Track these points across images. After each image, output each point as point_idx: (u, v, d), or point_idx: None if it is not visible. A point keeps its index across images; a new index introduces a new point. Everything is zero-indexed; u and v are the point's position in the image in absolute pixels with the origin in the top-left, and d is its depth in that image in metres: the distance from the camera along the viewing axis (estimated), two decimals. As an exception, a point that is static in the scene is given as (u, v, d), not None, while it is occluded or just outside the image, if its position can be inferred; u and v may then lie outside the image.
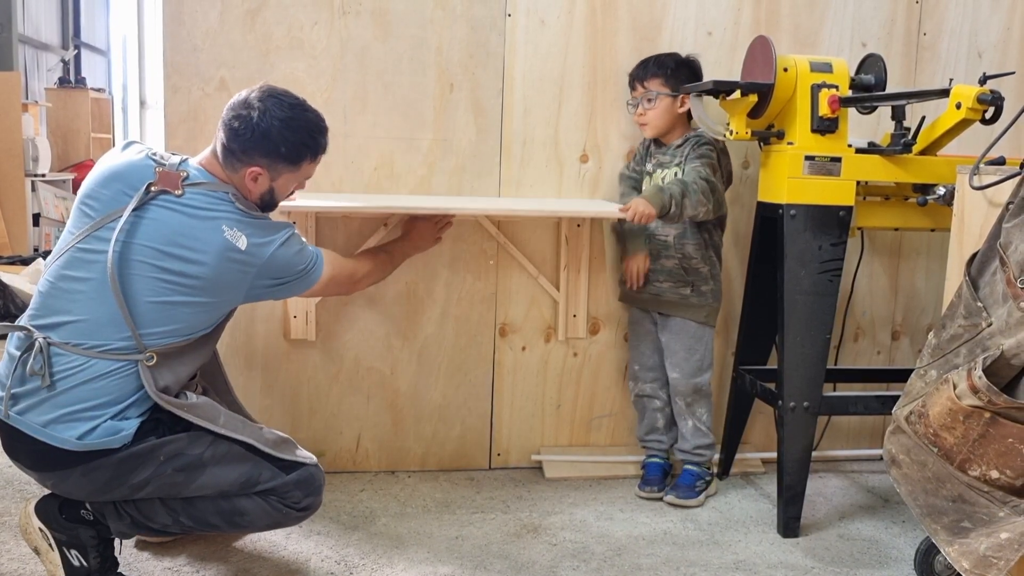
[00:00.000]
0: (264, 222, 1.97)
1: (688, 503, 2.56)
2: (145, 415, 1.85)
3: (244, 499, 1.92)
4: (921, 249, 2.94)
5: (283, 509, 1.94)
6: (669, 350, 2.63)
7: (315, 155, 2.01)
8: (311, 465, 1.98)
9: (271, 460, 1.93)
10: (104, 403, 1.80)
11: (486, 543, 2.28)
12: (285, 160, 1.95)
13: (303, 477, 1.95)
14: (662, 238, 2.57)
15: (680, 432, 2.67)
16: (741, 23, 2.74)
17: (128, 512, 1.90)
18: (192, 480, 1.87)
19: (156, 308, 1.83)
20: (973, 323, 1.66)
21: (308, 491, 1.96)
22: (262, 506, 1.92)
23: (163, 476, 1.84)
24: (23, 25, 9.23)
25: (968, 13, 2.85)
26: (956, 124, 2.24)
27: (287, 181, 2.00)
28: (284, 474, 1.93)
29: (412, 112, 2.61)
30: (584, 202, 2.68)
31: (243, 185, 1.96)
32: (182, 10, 2.46)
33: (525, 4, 2.62)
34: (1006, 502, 1.57)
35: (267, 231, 1.95)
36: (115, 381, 1.81)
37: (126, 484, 1.83)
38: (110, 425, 1.80)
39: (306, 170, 2.02)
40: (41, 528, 1.88)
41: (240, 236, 1.89)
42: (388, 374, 2.69)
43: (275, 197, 2.02)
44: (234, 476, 1.89)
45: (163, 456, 1.83)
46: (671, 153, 2.58)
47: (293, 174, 2.00)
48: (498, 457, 2.81)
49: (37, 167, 6.54)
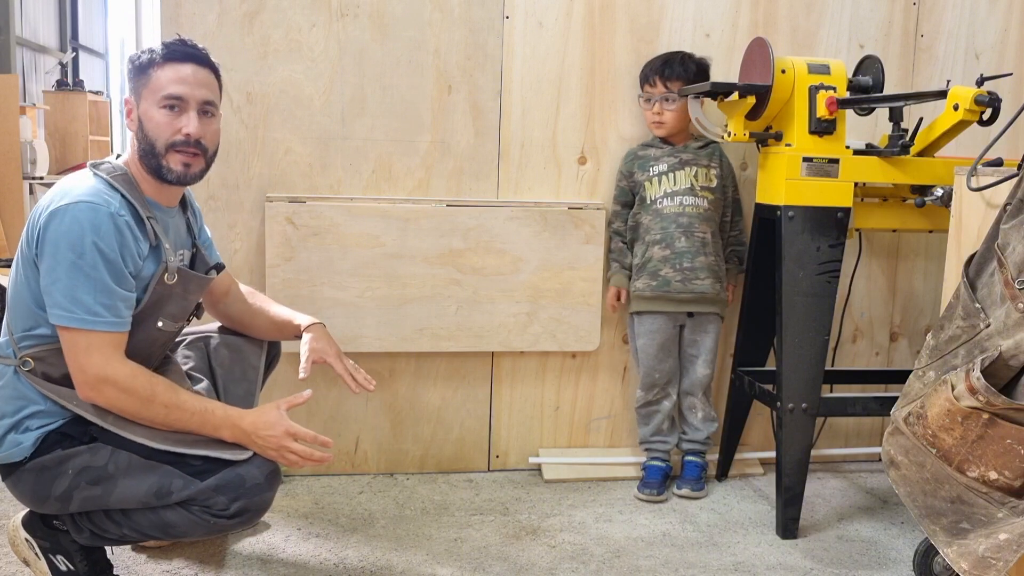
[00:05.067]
0: (77, 181, 1.71)
1: (699, 495, 2.61)
2: (49, 425, 1.73)
3: (167, 511, 1.72)
4: (919, 250, 2.95)
5: (210, 519, 1.70)
6: (699, 347, 2.67)
7: (162, 57, 1.75)
8: (239, 463, 1.71)
9: (181, 465, 1.70)
10: (5, 413, 1.74)
11: (485, 545, 2.28)
12: (138, 70, 1.76)
13: (225, 481, 1.69)
14: (700, 235, 2.58)
15: (690, 425, 2.70)
16: (739, 25, 2.74)
17: (84, 525, 1.79)
18: (109, 493, 1.70)
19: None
20: (971, 324, 1.66)
21: (235, 495, 1.69)
22: (188, 517, 1.71)
23: (80, 489, 1.71)
24: (21, 28, 9.23)
25: (965, 15, 2.86)
26: (954, 125, 2.24)
27: (147, 102, 1.75)
28: (198, 480, 1.68)
29: (410, 114, 2.61)
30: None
31: (134, 143, 1.79)
32: (180, 13, 2.46)
33: (523, 6, 2.63)
34: (1004, 503, 1.57)
35: (65, 193, 1.68)
36: (9, 388, 1.74)
37: (51, 497, 1.73)
38: (12, 438, 1.72)
39: (157, 80, 1.75)
40: (27, 539, 1.86)
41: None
42: (386, 376, 2.69)
43: (145, 130, 1.76)
44: (144, 488, 1.69)
45: (71, 470, 1.70)
46: (693, 152, 2.62)
47: (147, 88, 1.75)
48: (497, 459, 2.81)
49: (35, 170, 6.53)
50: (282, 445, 1.75)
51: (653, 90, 2.60)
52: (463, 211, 2.60)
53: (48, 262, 1.66)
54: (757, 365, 2.68)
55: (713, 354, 2.68)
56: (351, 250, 2.55)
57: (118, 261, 1.68)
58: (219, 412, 1.75)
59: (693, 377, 2.69)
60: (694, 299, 2.61)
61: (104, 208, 1.67)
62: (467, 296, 2.62)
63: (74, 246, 1.64)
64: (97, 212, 1.66)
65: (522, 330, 2.66)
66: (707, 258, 2.59)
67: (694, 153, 2.62)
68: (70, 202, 1.66)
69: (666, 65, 2.58)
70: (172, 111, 1.76)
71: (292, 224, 2.51)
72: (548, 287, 2.66)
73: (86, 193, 1.68)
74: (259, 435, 1.74)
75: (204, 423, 1.73)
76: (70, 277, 1.64)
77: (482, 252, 2.61)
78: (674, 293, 2.59)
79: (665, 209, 2.59)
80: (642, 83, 2.65)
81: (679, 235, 2.57)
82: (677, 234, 2.58)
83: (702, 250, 2.58)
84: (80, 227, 1.64)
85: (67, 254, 1.64)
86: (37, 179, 6.60)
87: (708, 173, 2.61)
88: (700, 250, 2.58)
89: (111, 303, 1.68)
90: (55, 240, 1.65)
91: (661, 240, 2.59)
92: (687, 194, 2.59)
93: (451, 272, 2.60)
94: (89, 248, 1.64)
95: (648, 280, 2.61)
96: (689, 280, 2.58)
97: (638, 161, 2.64)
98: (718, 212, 2.64)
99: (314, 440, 1.78)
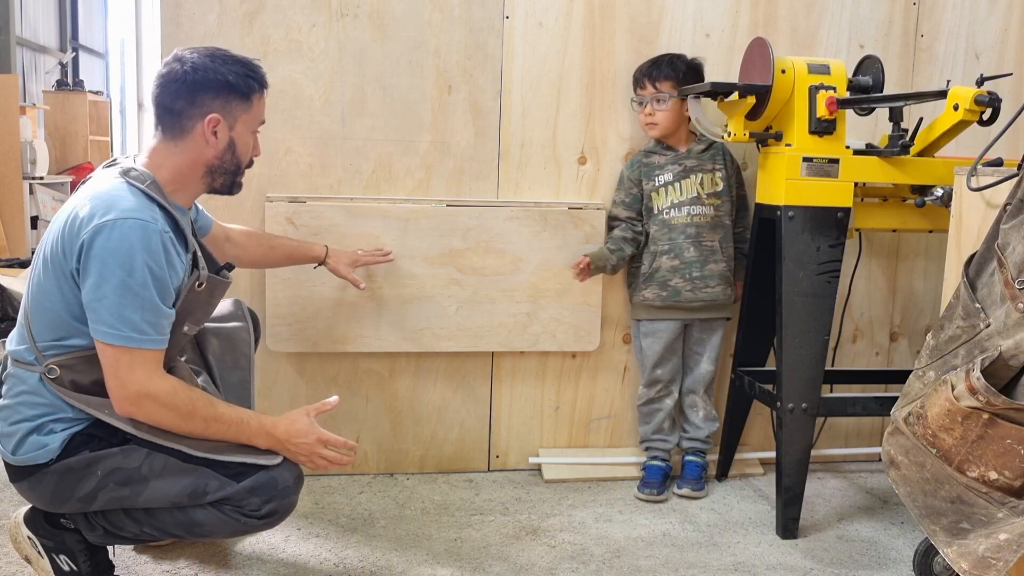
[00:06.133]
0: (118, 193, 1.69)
1: (700, 495, 2.62)
2: (74, 428, 1.75)
3: (198, 510, 1.76)
4: (919, 250, 2.95)
5: (241, 519, 1.75)
6: (705, 344, 2.69)
7: (262, 85, 1.83)
8: (272, 467, 1.77)
9: (217, 467, 1.74)
10: (27, 417, 1.74)
11: (485, 545, 2.28)
12: (237, 93, 1.78)
13: (260, 483, 1.75)
14: (709, 244, 2.59)
15: (691, 423, 2.71)
16: (739, 25, 2.74)
17: (99, 523, 1.82)
18: (138, 494, 1.74)
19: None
20: (971, 324, 1.66)
21: (268, 497, 1.75)
22: (218, 517, 1.76)
23: (107, 490, 1.73)
24: (21, 27, 9.23)
25: (965, 14, 2.86)
26: (954, 125, 2.24)
27: (244, 126, 1.82)
28: (235, 482, 1.73)
29: (410, 114, 2.61)
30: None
31: (199, 153, 1.78)
32: (180, 12, 2.46)
33: (523, 6, 2.63)
34: (1004, 503, 1.57)
35: (109, 206, 1.66)
36: (33, 394, 1.75)
37: (73, 498, 1.74)
38: (35, 440, 1.73)
39: (258, 108, 1.84)
40: (30, 536, 1.86)
41: (85, 206, 1.67)
42: (386, 376, 2.69)
43: (237, 153, 1.82)
44: (178, 489, 1.73)
45: (100, 471, 1.73)
46: (696, 157, 2.61)
47: (247, 114, 1.82)
48: (497, 459, 2.81)
49: (35, 170, 6.54)
50: (314, 452, 1.81)
51: (644, 92, 2.61)
52: (463, 211, 2.60)
53: (94, 278, 1.65)
54: (757, 365, 2.68)
55: (718, 351, 2.69)
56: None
57: (166, 279, 1.69)
58: (254, 423, 1.79)
59: (697, 374, 2.69)
60: (704, 306, 2.62)
61: (153, 225, 1.67)
62: (467, 296, 2.62)
63: (124, 264, 1.64)
64: (147, 230, 1.66)
65: (522, 330, 2.66)
66: (717, 265, 2.59)
67: (697, 158, 2.62)
68: (117, 217, 1.65)
69: (654, 66, 2.59)
70: (255, 135, 1.89)
71: (292, 224, 2.51)
72: (548, 287, 2.66)
73: (133, 209, 1.67)
74: (292, 443, 1.79)
75: (240, 433, 1.77)
76: (118, 295, 1.64)
77: (482, 252, 2.61)
78: (684, 302, 2.61)
79: (672, 220, 2.59)
80: (634, 87, 2.66)
81: (688, 245, 2.58)
82: (686, 245, 2.58)
83: (711, 258, 2.59)
84: (130, 245, 1.64)
85: (116, 272, 1.63)
86: (37, 179, 6.60)
87: (713, 177, 2.61)
88: (709, 258, 2.59)
89: (156, 321, 1.69)
90: (102, 256, 1.64)
91: (669, 251, 2.59)
92: (693, 204, 2.59)
93: (451, 272, 2.60)
94: (140, 267, 1.64)
95: (658, 291, 2.61)
96: (699, 288, 2.59)
97: (644, 169, 2.64)
98: (726, 215, 2.64)
99: (343, 446, 1.84)
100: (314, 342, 2.58)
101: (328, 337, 2.58)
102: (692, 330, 2.69)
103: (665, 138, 2.64)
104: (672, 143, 2.64)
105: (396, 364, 2.69)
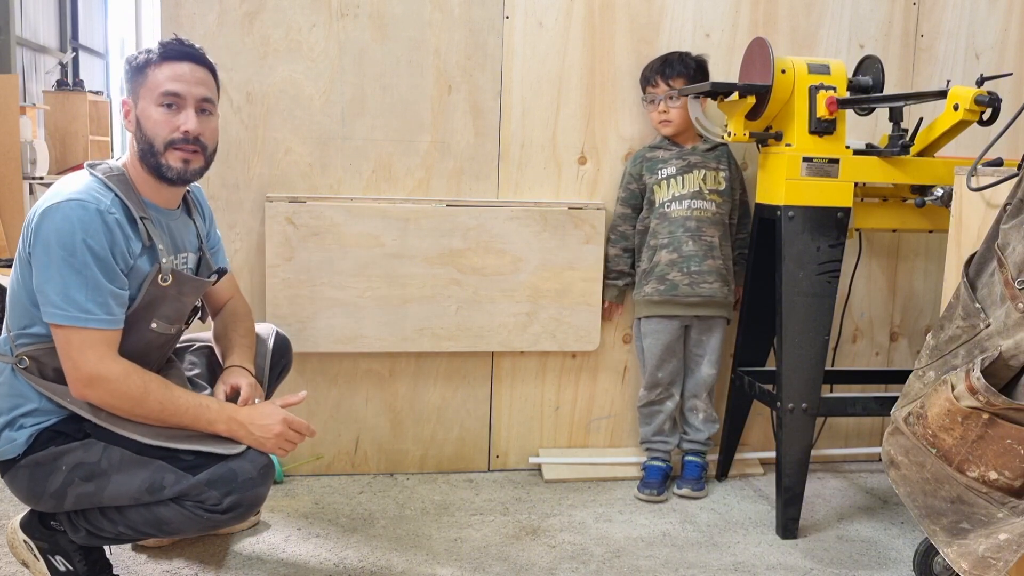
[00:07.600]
0: (76, 181, 1.72)
1: (700, 495, 2.62)
2: (43, 423, 1.74)
3: (161, 507, 1.72)
4: (919, 250, 2.95)
5: (204, 515, 1.69)
6: (704, 347, 2.68)
7: (160, 56, 1.76)
8: (231, 458, 1.71)
9: (173, 460, 1.69)
10: (2, 410, 1.75)
11: (485, 545, 2.28)
12: (134, 69, 1.77)
13: (217, 475, 1.68)
14: (708, 239, 2.59)
15: (691, 426, 2.71)
16: (739, 25, 2.74)
17: (81, 524, 1.80)
18: (102, 489, 1.71)
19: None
20: (971, 324, 1.66)
21: (227, 490, 1.68)
22: (182, 513, 1.71)
23: (74, 486, 1.72)
24: (21, 28, 9.23)
25: (965, 14, 2.86)
26: (954, 125, 2.24)
27: (145, 100, 1.76)
28: (190, 475, 1.68)
29: (410, 114, 2.61)
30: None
31: (132, 144, 1.80)
32: (180, 13, 2.46)
33: (523, 6, 2.63)
34: (1004, 503, 1.57)
35: (58, 192, 1.69)
36: (6, 385, 1.76)
37: (46, 493, 1.74)
38: (7, 434, 1.74)
39: (154, 78, 1.76)
40: (25, 540, 1.87)
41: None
42: (386, 376, 2.69)
43: (143, 129, 1.77)
44: (136, 483, 1.70)
45: (65, 466, 1.72)
46: (701, 154, 2.62)
47: (144, 87, 1.76)
48: (497, 459, 2.81)
49: (35, 170, 6.53)
50: (280, 435, 1.77)
51: (656, 90, 2.61)
52: (463, 211, 2.60)
53: (40, 260, 1.67)
54: (757, 365, 2.68)
55: (718, 354, 2.69)
56: (351, 250, 2.55)
57: (108, 258, 1.69)
58: (214, 406, 1.76)
59: (698, 377, 2.69)
60: (702, 303, 2.61)
61: (93, 205, 1.68)
62: (467, 296, 2.62)
63: (64, 244, 1.65)
64: (86, 209, 1.67)
65: (522, 330, 2.66)
66: (715, 261, 2.59)
67: (702, 155, 2.62)
68: (61, 200, 1.68)
69: (666, 64, 2.60)
70: (170, 109, 1.77)
71: (292, 224, 2.51)
72: (548, 287, 2.66)
73: (77, 191, 1.69)
74: (256, 425, 1.76)
75: (198, 418, 1.74)
76: (62, 275, 1.65)
77: (482, 252, 2.61)
78: (682, 297, 2.60)
79: (673, 213, 2.59)
80: (643, 86, 2.65)
81: (687, 239, 2.58)
82: (685, 238, 2.58)
83: (710, 254, 2.58)
84: (70, 225, 1.65)
85: (58, 252, 1.65)
86: (37, 179, 6.60)
87: (717, 176, 2.62)
88: (708, 254, 2.58)
89: (103, 300, 1.68)
90: (46, 238, 1.66)
91: (668, 244, 2.59)
92: (695, 198, 2.59)
93: (451, 272, 2.60)
94: (79, 246, 1.65)
95: (656, 285, 2.61)
96: (697, 284, 2.58)
97: (646, 163, 2.64)
98: (726, 215, 2.64)
99: (308, 430, 1.83)
100: (314, 342, 2.58)
101: (328, 337, 2.58)
102: (691, 331, 2.69)
103: (675, 136, 2.64)
104: (680, 140, 2.65)
105: (396, 364, 2.69)
